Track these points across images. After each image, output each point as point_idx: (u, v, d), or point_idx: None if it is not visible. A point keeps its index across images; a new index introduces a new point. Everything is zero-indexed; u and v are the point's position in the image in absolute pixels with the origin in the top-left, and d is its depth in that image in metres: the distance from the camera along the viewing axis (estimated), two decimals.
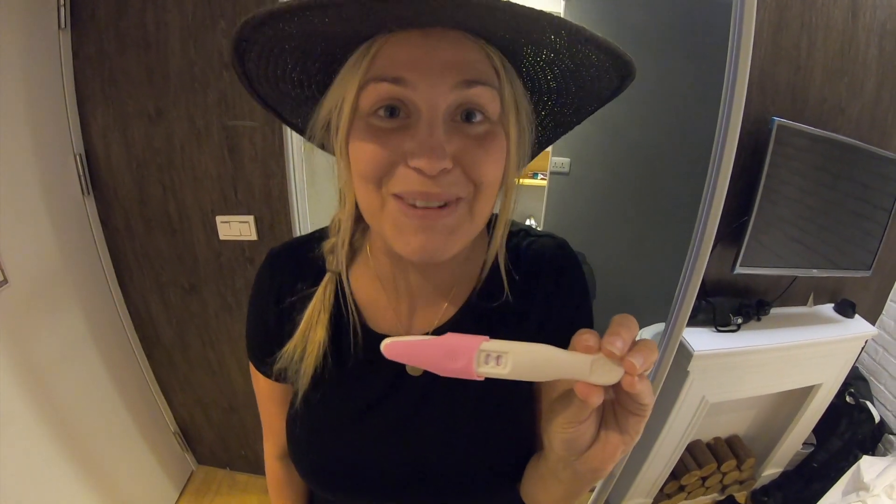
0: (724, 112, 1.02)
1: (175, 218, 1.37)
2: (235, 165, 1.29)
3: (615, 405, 0.35)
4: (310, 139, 0.48)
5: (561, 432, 0.35)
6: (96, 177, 1.35)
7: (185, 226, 1.38)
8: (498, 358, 0.32)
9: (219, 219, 1.35)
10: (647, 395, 0.31)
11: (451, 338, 0.33)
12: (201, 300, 1.50)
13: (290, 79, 0.44)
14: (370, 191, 0.41)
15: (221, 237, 1.37)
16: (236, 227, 1.35)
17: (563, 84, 0.44)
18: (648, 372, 0.32)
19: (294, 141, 1.23)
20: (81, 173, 1.32)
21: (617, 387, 0.31)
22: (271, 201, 1.32)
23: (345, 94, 0.40)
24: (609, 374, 0.30)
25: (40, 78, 1.19)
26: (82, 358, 1.38)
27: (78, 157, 1.31)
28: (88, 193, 1.35)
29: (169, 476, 1.77)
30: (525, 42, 0.39)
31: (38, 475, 1.20)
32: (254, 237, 1.37)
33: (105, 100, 1.26)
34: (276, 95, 0.47)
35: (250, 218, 1.34)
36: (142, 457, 1.63)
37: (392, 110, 0.39)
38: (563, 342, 0.54)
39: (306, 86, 0.46)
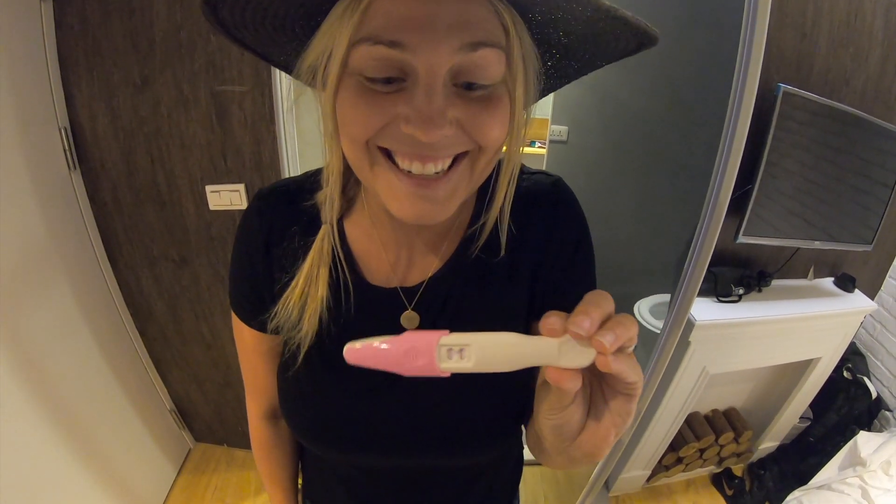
0: (739, 80, 0.99)
1: (164, 189, 1.34)
2: (225, 132, 1.25)
3: (602, 386, 0.33)
4: (298, 77, 0.44)
5: (547, 419, 0.34)
6: (82, 150, 1.31)
7: (174, 197, 1.35)
8: (461, 351, 0.30)
9: (208, 188, 1.31)
10: (629, 373, 0.29)
11: (410, 336, 0.32)
12: (193, 273, 1.47)
13: (272, 23, 0.40)
14: (358, 150, 0.38)
15: (212, 207, 1.34)
16: (226, 197, 1.32)
17: (576, 43, 0.40)
18: (631, 348, 0.30)
19: (284, 105, 1.19)
20: (67, 147, 1.28)
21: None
22: (262, 169, 1.29)
23: (333, 47, 0.36)
24: (579, 357, 0.29)
25: (22, 51, 1.14)
26: (74, 337, 1.36)
27: (63, 131, 1.27)
28: (75, 168, 1.32)
29: (166, 455, 1.76)
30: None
31: (33, 458, 1.18)
32: (245, 206, 1.33)
33: (89, 70, 1.22)
34: (257, 39, 0.43)
35: (241, 186, 1.31)
36: (138, 436, 1.62)
37: (387, 79, 0.35)
38: (561, 288, 0.52)
39: (289, 29, 0.41)
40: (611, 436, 0.33)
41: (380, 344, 0.32)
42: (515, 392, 0.54)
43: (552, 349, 0.29)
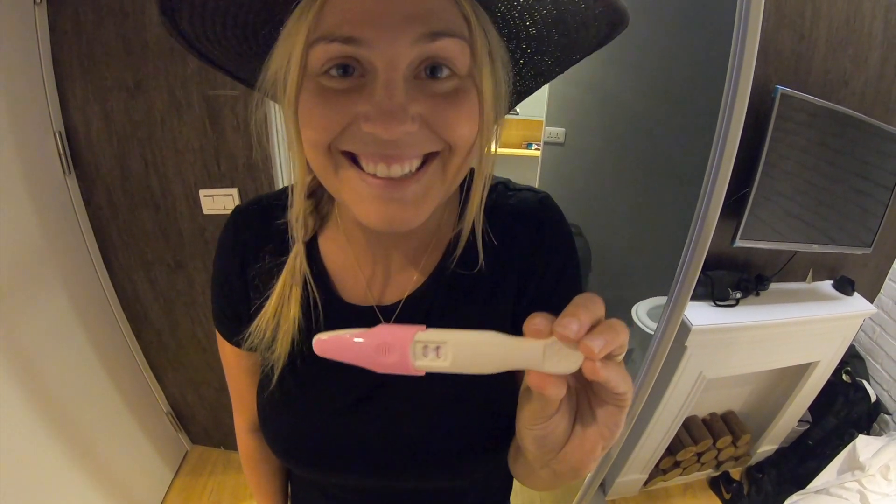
0: (731, 82, 0.98)
1: (158, 193, 1.34)
2: (218, 137, 1.25)
3: (590, 395, 0.30)
4: (263, 94, 0.43)
5: (529, 429, 0.31)
6: (77, 155, 1.31)
7: (168, 201, 1.35)
8: (437, 349, 0.28)
9: (202, 192, 1.32)
10: (618, 382, 0.27)
11: (383, 329, 0.29)
12: (188, 276, 1.47)
13: (234, 35, 0.39)
14: (320, 156, 0.37)
15: (205, 211, 1.34)
16: (220, 201, 1.32)
17: (546, 31, 0.39)
18: (621, 356, 0.28)
19: (277, 109, 1.18)
20: (62, 152, 1.28)
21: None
22: (255, 173, 1.29)
23: (291, 51, 0.35)
24: (565, 362, 0.26)
25: (16, 56, 1.14)
26: (69, 341, 1.36)
27: (58, 136, 1.27)
28: (70, 172, 1.32)
29: (163, 457, 1.76)
30: None
31: (29, 461, 1.18)
32: None
33: (83, 74, 1.22)
34: (221, 53, 0.42)
35: (234, 191, 1.31)
36: (135, 439, 1.62)
37: (345, 68, 0.34)
38: (545, 308, 0.51)
39: (252, 40, 0.40)
40: (598, 448, 0.31)
41: (350, 336, 0.30)
42: (499, 410, 0.52)
43: (536, 352, 0.27)
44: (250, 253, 0.51)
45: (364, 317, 0.50)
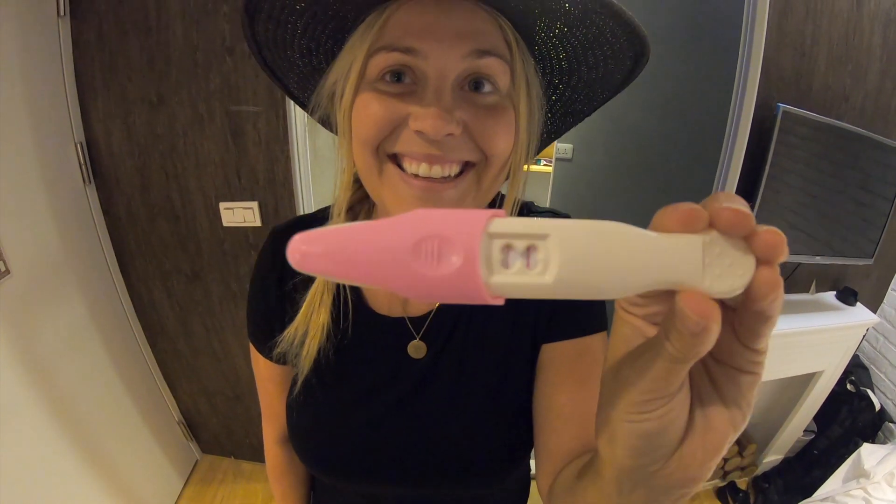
0: (737, 101, 1.02)
1: (178, 205, 1.36)
2: (239, 151, 1.28)
3: (709, 366, 0.21)
4: (312, 112, 0.47)
5: (635, 420, 0.21)
6: (97, 165, 1.34)
7: (188, 213, 1.37)
8: (529, 252, 0.16)
9: (222, 205, 1.34)
10: (775, 321, 0.18)
11: (428, 215, 0.17)
12: (205, 288, 1.49)
13: (300, 45, 0.44)
14: (368, 155, 0.40)
15: (225, 224, 1.37)
16: (240, 214, 1.34)
17: (575, 64, 0.43)
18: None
19: (298, 125, 1.22)
20: (82, 162, 1.31)
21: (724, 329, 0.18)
22: (275, 187, 1.31)
23: (353, 61, 0.39)
24: (734, 270, 0.16)
25: (40, 67, 1.18)
26: (85, 348, 1.38)
27: (79, 146, 1.30)
28: (90, 182, 1.35)
29: (173, 465, 1.77)
30: (539, 13, 0.38)
31: (42, 466, 1.19)
32: (258, 223, 1.36)
33: (106, 87, 1.25)
34: (284, 64, 0.46)
35: (254, 204, 1.34)
36: (146, 446, 1.63)
37: (399, 75, 0.38)
38: (552, 321, 0.50)
39: (314, 54, 0.45)
40: (724, 445, 0.22)
41: (362, 228, 0.18)
42: (523, 419, 0.53)
43: (694, 252, 0.16)
44: (287, 270, 0.53)
45: (394, 328, 0.52)
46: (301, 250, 0.19)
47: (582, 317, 0.50)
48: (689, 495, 0.24)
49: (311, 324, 0.50)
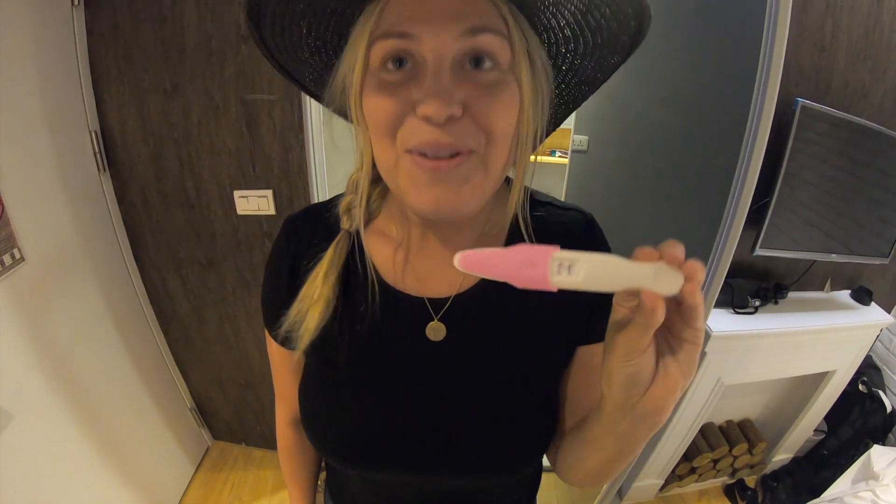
0: (758, 97, 1.00)
1: (192, 193, 1.37)
2: (254, 139, 1.28)
3: (668, 337, 0.34)
4: (329, 105, 0.48)
5: (622, 366, 0.34)
6: (112, 153, 1.35)
7: (202, 201, 1.38)
8: (570, 267, 0.31)
9: (237, 193, 1.35)
10: (701, 312, 0.31)
11: (524, 247, 0.32)
12: (219, 276, 1.50)
13: (307, 46, 0.45)
14: (386, 146, 0.41)
15: (239, 212, 1.37)
16: (254, 202, 1.35)
17: (577, 30, 0.43)
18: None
19: (313, 114, 1.22)
20: (97, 150, 1.32)
21: (670, 313, 0.32)
22: (290, 175, 1.32)
23: (356, 52, 0.41)
24: (671, 282, 0.30)
25: (54, 56, 1.18)
26: (99, 335, 1.40)
27: (93, 134, 1.30)
28: (104, 170, 1.36)
29: (185, 451, 1.80)
30: None
31: (55, 452, 1.21)
32: (272, 212, 1.37)
33: (120, 76, 1.25)
34: (297, 66, 0.47)
35: (269, 192, 1.34)
36: (158, 433, 1.65)
37: (400, 62, 0.39)
38: (589, 326, 0.53)
39: (323, 52, 0.46)
40: (678, 385, 0.34)
41: (498, 250, 0.33)
42: (543, 407, 0.54)
43: (648, 273, 0.30)
44: (302, 254, 0.54)
45: (412, 307, 0.52)
46: (465, 254, 0.33)
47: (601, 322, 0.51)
48: (659, 424, 0.37)
49: (316, 296, 0.50)
